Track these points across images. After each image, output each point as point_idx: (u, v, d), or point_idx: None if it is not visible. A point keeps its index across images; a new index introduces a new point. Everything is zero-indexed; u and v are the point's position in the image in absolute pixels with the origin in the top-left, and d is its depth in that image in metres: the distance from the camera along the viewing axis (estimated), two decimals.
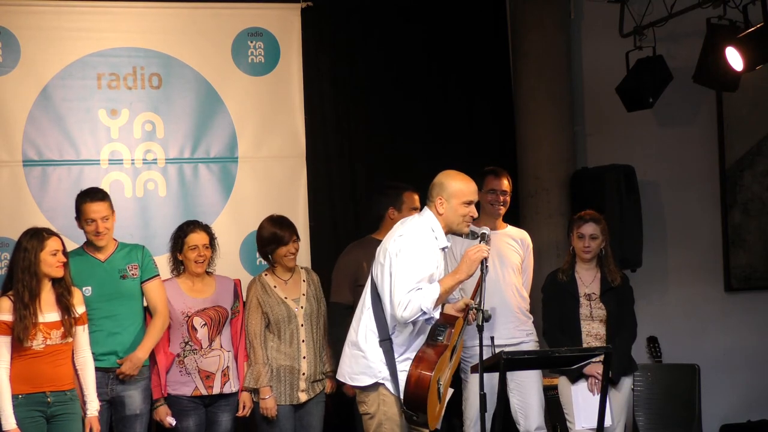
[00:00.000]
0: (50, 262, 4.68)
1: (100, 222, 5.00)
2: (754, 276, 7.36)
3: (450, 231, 4.55)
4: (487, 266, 4.42)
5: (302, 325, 5.22)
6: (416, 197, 5.42)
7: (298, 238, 5.30)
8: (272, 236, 5.25)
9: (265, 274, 5.31)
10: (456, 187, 4.52)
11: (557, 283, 5.39)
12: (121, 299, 5.02)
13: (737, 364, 7.23)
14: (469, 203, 4.51)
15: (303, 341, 5.21)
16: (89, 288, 4.96)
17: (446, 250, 4.57)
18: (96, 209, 5.00)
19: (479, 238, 4.50)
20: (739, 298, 7.35)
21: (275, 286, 5.25)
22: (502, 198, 5.51)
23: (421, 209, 4.78)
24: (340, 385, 5.22)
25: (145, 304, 5.12)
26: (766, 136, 7.39)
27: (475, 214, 4.55)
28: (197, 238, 5.17)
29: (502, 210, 5.54)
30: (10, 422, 4.57)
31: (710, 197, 7.33)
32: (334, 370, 5.05)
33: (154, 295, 5.07)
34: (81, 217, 5.02)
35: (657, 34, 6.55)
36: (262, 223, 5.32)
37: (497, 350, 4.99)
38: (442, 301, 4.45)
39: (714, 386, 6.88)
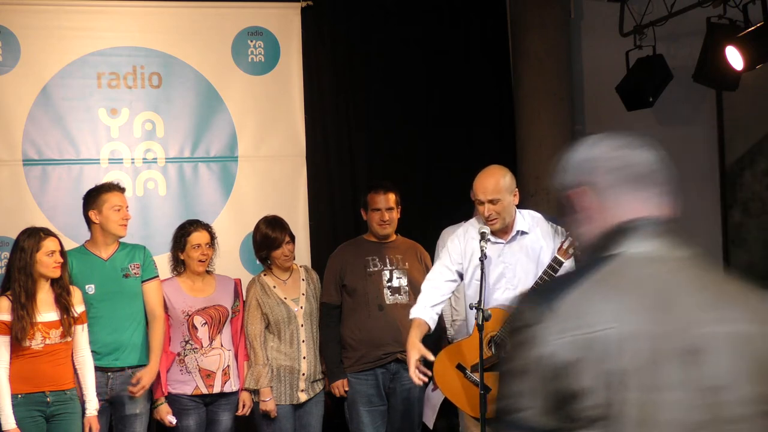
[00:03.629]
0: (46, 262, 4.68)
1: (126, 211, 5.04)
2: (754, 275, 7.36)
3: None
4: (484, 264, 4.40)
5: (302, 325, 5.22)
6: (384, 197, 5.31)
7: (292, 238, 5.29)
8: (264, 240, 5.25)
9: (264, 274, 5.31)
10: (474, 182, 4.52)
11: None
12: (123, 298, 5.01)
13: None
14: (479, 202, 4.45)
15: (303, 341, 5.22)
16: (92, 286, 4.96)
17: (485, 239, 4.39)
18: (123, 199, 5.05)
19: (480, 237, 4.49)
20: None
21: (274, 286, 5.25)
22: None
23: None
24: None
25: None
26: (766, 136, 7.39)
27: (487, 213, 4.40)
28: (200, 236, 5.17)
29: None
30: (10, 422, 4.57)
31: (710, 197, 7.33)
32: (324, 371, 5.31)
33: (152, 297, 5.07)
34: (103, 206, 4.97)
35: (657, 33, 6.55)
36: (257, 224, 5.32)
37: None
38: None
39: None
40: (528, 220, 4.56)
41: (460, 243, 4.57)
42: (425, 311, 4.47)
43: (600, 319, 1.69)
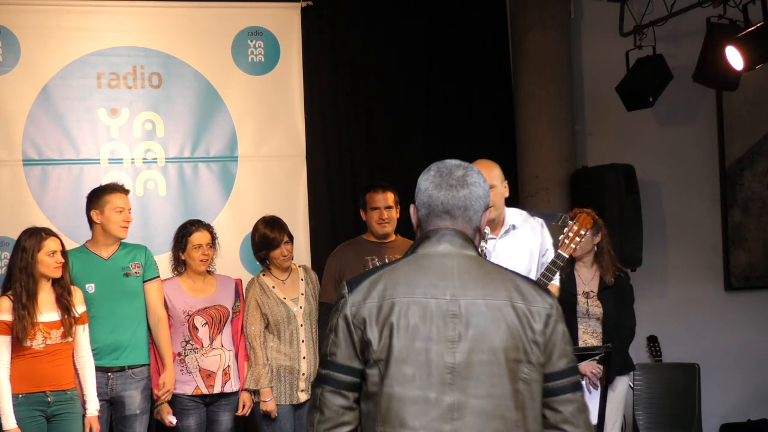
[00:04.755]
0: (47, 262, 4.67)
1: (128, 213, 5.04)
2: (753, 275, 7.37)
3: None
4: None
5: (302, 326, 5.22)
6: (382, 196, 5.31)
7: (290, 238, 5.29)
8: (263, 240, 5.25)
9: (263, 275, 5.30)
10: None
11: None
12: (124, 297, 5.01)
13: (737, 363, 7.23)
14: None
15: (303, 341, 5.22)
16: (92, 285, 4.95)
17: (485, 238, 4.34)
18: (126, 201, 5.04)
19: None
20: (738, 298, 7.36)
21: (273, 287, 5.25)
22: None
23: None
24: None
25: None
26: (766, 135, 7.39)
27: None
28: (201, 237, 5.16)
29: None
30: (11, 422, 4.57)
31: (710, 196, 7.34)
32: None
33: (153, 297, 5.06)
34: (106, 207, 4.97)
35: (657, 33, 6.55)
36: (256, 224, 5.32)
37: None
38: None
39: (714, 385, 6.88)
40: (517, 215, 4.56)
41: None
42: None
43: (388, 293, 2.41)
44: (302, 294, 5.29)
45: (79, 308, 4.78)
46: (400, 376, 2.37)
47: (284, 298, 5.23)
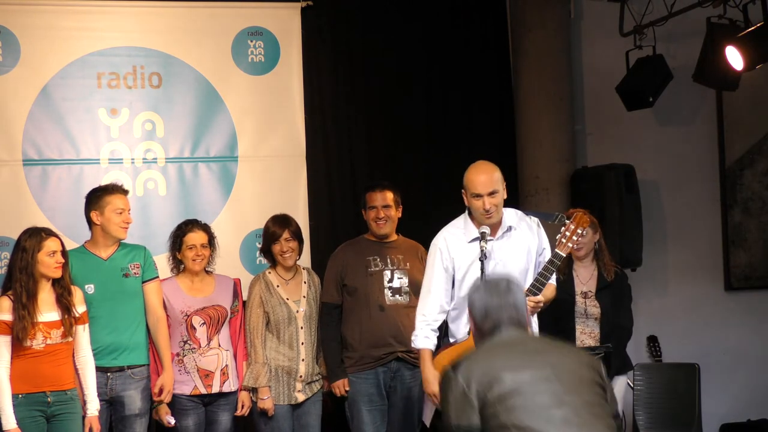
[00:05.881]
0: (47, 263, 4.68)
1: (128, 214, 5.04)
2: (754, 275, 7.36)
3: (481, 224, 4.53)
4: (484, 264, 4.41)
5: (302, 328, 5.23)
6: (380, 195, 5.34)
7: (294, 236, 5.28)
8: (266, 234, 5.30)
9: (269, 272, 5.31)
10: (465, 179, 4.54)
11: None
12: (123, 298, 5.01)
13: (737, 363, 7.23)
14: (476, 196, 4.46)
15: (302, 344, 5.22)
16: (92, 286, 4.95)
17: (485, 239, 4.45)
18: (126, 202, 5.05)
19: (480, 237, 4.49)
20: (739, 298, 7.35)
21: (278, 286, 5.26)
22: None
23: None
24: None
25: None
26: (766, 135, 7.39)
27: (487, 206, 4.42)
28: (195, 237, 5.16)
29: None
30: (11, 422, 4.57)
31: (710, 196, 7.33)
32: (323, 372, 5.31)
33: (152, 298, 5.07)
34: (106, 208, 4.97)
35: (657, 33, 6.55)
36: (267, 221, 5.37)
37: None
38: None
39: (714, 385, 6.88)
40: (513, 215, 4.59)
41: (444, 256, 4.61)
42: (431, 340, 4.60)
43: (481, 365, 3.15)
44: (304, 297, 5.29)
45: (80, 308, 4.79)
46: (517, 409, 3.03)
47: (287, 299, 5.24)
